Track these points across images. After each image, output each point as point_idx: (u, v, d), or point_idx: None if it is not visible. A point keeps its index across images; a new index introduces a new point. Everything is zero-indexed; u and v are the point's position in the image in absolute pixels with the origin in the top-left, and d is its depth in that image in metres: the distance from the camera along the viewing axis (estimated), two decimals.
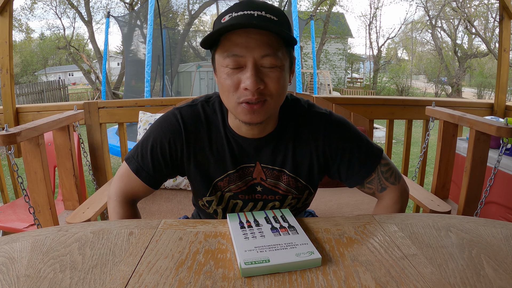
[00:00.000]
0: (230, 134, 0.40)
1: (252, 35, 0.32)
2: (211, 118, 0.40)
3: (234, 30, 0.32)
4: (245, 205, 0.43)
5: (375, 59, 9.68)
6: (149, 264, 0.33)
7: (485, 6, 7.59)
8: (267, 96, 0.35)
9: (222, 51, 0.34)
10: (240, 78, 0.34)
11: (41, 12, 14.73)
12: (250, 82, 0.32)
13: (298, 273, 0.31)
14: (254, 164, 0.41)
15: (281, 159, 0.40)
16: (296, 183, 0.42)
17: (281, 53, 0.34)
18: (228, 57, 0.33)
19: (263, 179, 0.41)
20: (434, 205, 0.66)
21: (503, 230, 0.39)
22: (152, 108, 1.03)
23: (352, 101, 1.07)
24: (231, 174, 0.41)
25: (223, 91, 0.35)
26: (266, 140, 0.40)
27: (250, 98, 0.34)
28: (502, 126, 0.67)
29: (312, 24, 3.79)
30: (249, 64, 0.33)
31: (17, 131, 0.64)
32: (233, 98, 0.35)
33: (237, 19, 0.33)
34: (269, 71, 0.34)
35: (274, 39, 0.33)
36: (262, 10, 0.33)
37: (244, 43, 0.32)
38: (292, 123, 0.40)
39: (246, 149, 0.40)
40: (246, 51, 0.33)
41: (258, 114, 0.35)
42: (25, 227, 0.80)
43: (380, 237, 0.38)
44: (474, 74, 9.11)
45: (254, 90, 0.33)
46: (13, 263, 0.33)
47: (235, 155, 0.40)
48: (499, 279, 0.30)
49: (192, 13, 6.30)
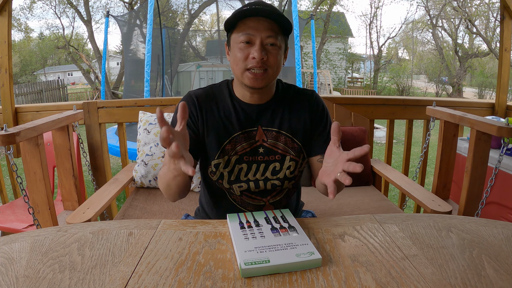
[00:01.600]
0: (236, 102, 0.50)
1: (261, 22, 0.45)
2: (219, 92, 0.51)
3: (249, 16, 0.45)
4: (249, 169, 0.49)
5: (375, 58, 9.68)
6: (149, 264, 0.33)
7: (486, 5, 7.59)
8: (267, 66, 0.46)
9: (239, 31, 0.46)
10: (249, 51, 0.46)
11: (40, 12, 14.67)
12: (257, 53, 0.45)
13: (298, 273, 0.31)
14: (256, 128, 0.50)
15: (278, 122, 0.50)
16: (292, 143, 0.50)
17: (280, 37, 0.47)
18: (243, 35, 0.46)
19: (264, 140, 0.50)
20: (435, 205, 0.66)
21: (504, 230, 0.39)
22: (152, 108, 1.03)
23: (353, 101, 1.06)
24: (236, 136, 0.49)
25: (235, 60, 0.47)
26: (266, 106, 0.50)
27: (255, 65, 0.45)
28: (503, 126, 0.67)
29: (313, 24, 3.77)
30: (257, 41, 0.45)
31: (16, 131, 0.64)
32: (243, 65, 0.46)
33: (253, 9, 0.45)
34: (270, 48, 0.46)
35: (276, 27, 0.46)
36: (270, 7, 0.46)
37: (255, 26, 0.45)
38: (287, 95, 0.52)
39: (250, 114, 0.50)
40: (256, 31, 0.45)
41: (260, 80, 0.46)
42: (24, 228, 0.79)
43: (380, 238, 0.37)
44: (475, 73, 9.10)
45: (259, 59, 0.45)
46: (12, 264, 0.33)
47: (241, 119, 0.49)
48: (500, 279, 0.30)
49: (192, 12, 6.29)
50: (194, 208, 0.66)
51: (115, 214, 1.05)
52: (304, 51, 7.75)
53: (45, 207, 0.73)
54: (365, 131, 0.97)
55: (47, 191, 0.73)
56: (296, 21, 2.72)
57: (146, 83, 2.39)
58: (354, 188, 0.92)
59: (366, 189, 0.92)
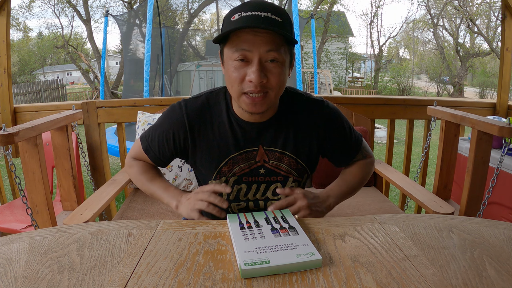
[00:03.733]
0: (234, 119, 0.44)
1: (258, 34, 0.37)
2: (215, 105, 0.45)
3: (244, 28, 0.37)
4: (249, 189, 0.46)
5: (376, 58, 9.66)
6: (148, 265, 0.33)
7: (487, 4, 7.58)
8: (268, 89, 0.39)
9: (231, 46, 0.38)
10: (246, 72, 0.38)
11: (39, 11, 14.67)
12: (255, 76, 0.37)
13: (299, 274, 0.31)
14: (257, 148, 0.44)
15: (282, 142, 0.44)
16: (296, 165, 0.45)
17: (283, 49, 0.39)
18: (237, 51, 0.38)
19: (266, 161, 0.44)
20: (437, 207, 0.65)
21: (506, 231, 0.39)
22: (151, 107, 1.03)
23: (353, 101, 1.06)
24: (234, 157, 0.44)
25: (229, 81, 0.40)
26: (267, 124, 0.44)
27: (253, 90, 0.38)
28: (505, 126, 0.67)
29: (313, 23, 3.76)
30: (255, 59, 0.38)
31: (15, 131, 0.64)
32: (238, 88, 0.39)
33: (246, 19, 0.37)
34: (271, 67, 0.38)
35: (277, 38, 0.38)
36: (268, 11, 0.37)
37: (252, 40, 0.37)
38: (292, 109, 0.45)
39: (249, 133, 0.44)
40: (253, 46, 0.37)
41: (259, 105, 0.40)
42: (23, 228, 0.79)
43: (381, 238, 0.37)
44: (476, 73, 9.07)
45: (257, 83, 0.38)
46: (10, 264, 0.33)
47: (238, 139, 0.44)
48: (502, 280, 0.30)
49: (192, 12, 6.27)
50: None
51: (113, 215, 1.04)
52: (304, 51, 7.74)
53: (44, 208, 0.73)
54: (366, 131, 0.96)
55: (46, 192, 0.73)
56: (297, 20, 2.71)
57: (145, 83, 2.38)
58: None
59: (368, 190, 0.91)
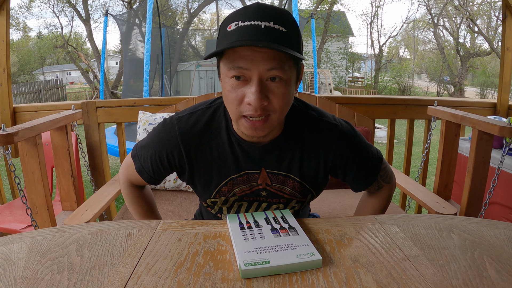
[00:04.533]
0: (235, 139, 0.39)
1: (258, 49, 0.31)
2: (212, 123, 0.39)
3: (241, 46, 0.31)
4: (249, 206, 0.44)
5: (376, 58, 9.64)
6: (148, 265, 0.32)
7: (488, 4, 7.55)
8: (270, 112, 0.34)
9: (227, 62, 0.33)
10: (244, 92, 0.33)
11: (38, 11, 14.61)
12: (254, 98, 0.32)
13: (299, 274, 0.31)
14: (259, 170, 0.40)
15: (287, 165, 0.40)
16: (301, 187, 0.42)
17: (287, 66, 0.33)
18: (233, 69, 0.32)
19: (268, 184, 0.41)
20: (439, 207, 0.65)
21: (506, 231, 0.38)
22: (151, 107, 1.03)
23: (354, 101, 1.06)
24: (234, 179, 0.41)
25: (227, 102, 0.35)
26: (271, 145, 0.39)
27: (253, 114, 0.33)
28: (505, 126, 0.67)
29: (313, 23, 3.76)
30: (254, 79, 0.32)
31: (14, 131, 0.64)
32: (236, 111, 0.34)
33: (243, 31, 0.31)
34: (274, 86, 0.33)
35: (281, 53, 0.32)
36: (270, 20, 0.31)
37: (250, 56, 0.31)
38: (300, 130, 0.39)
39: (251, 154, 0.39)
40: (252, 64, 0.32)
41: (260, 130, 0.35)
42: (23, 228, 0.79)
43: (381, 238, 0.37)
44: (476, 73, 9.07)
45: (257, 107, 0.32)
46: (10, 265, 0.33)
47: (239, 160, 0.39)
48: (502, 280, 0.30)
49: (192, 11, 6.27)
50: (194, 210, 0.66)
51: (114, 216, 1.05)
52: (305, 50, 7.66)
53: (43, 208, 0.73)
54: (368, 131, 0.96)
55: (46, 192, 0.73)
56: (297, 20, 2.70)
57: (145, 83, 2.38)
58: None
59: None
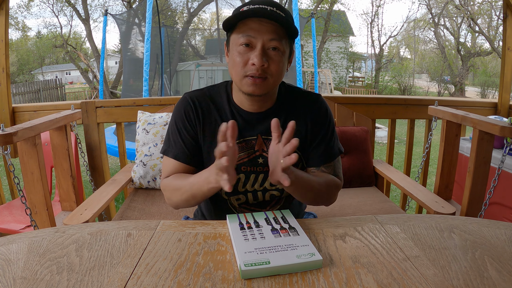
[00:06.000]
0: (235, 109, 0.47)
1: (263, 23, 0.41)
2: (216, 96, 0.48)
3: (251, 17, 0.41)
4: (247, 179, 0.47)
5: (377, 57, 9.62)
6: (148, 266, 0.32)
7: (488, 4, 7.51)
8: (268, 75, 0.42)
9: (238, 32, 0.42)
10: (249, 56, 0.42)
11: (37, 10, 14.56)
12: (258, 59, 0.41)
13: (299, 275, 0.31)
14: (256, 137, 0.46)
15: None
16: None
17: (284, 41, 0.42)
18: (243, 37, 0.42)
19: (264, 150, 0.46)
20: (438, 207, 0.65)
21: (507, 231, 0.38)
22: (151, 107, 1.02)
23: (354, 101, 1.05)
24: None
25: (233, 65, 0.43)
26: (266, 114, 0.46)
27: (254, 73, 0.41)
28: (506, 125, 0.67)
29: (313, 22, 3.75)
30: (258, 45, 0.41)
31: (14, 131, 0.64)
32: (241, 71, 0.42)
33: (254, 10, 0.41)
34: (273, 54, 0.42)
35: (279, 29, 0.42)
36: (274, 6, 0.42)
37: (257, 28, 0.41)
38: (289, 101, 0.48)
39: (249, 122, 0.46)
40: (258, 34, 0.41)
41: (259, 87, 0.42)
42: (22, 229, 0.79)
43: (382, 239, 0.37)
44: (477, 73, 9.04)
45: (259, 66, 0.41)
46: (9, 265, 0.32)
47: (238, 127, 0.45)
48: (503, 281, 0.30)
49: (191, 11, 6.25)
50: (193, 210, 0.65)
51: (113, 215, 1.04)
52: (305, 50, 7.71)
53: (42, 208, 0.73)
54: (367, 131, 0.96)
55: (45, 192, 0.73)
56: (297, 20, 2.70)
57: (144, 82, 2.37)
58: (356, 189, 0.91)
59: (369, 190, 0.91)
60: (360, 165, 0.92)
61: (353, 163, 0.91)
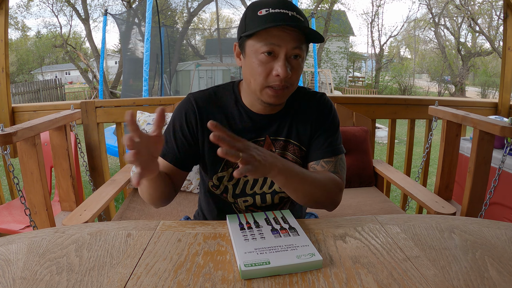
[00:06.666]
0: (243, 110, 0.46)
1: (287, 30, 0.39)
2: (223, 97, 0.46)
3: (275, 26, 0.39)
4: (255, 181, 0.46)
5: (377, 57, 9.61)
6: (147, 266, 0.32)
7: (489, 3, 7.49)
8: (289, 84, 0.42)
9: (259, 40, 0.40)
10: (272, 66, 0.40)
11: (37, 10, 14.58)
12: (283, 70, 0.39)
13: (299, 275, 0.31)
14: (263, 138, 0.46)
15: (286, 131, 0.46)
16: (301, 152, 0.47)
17: (304, 46, 0.42)
18: (266, 45, 0.39)
19: (272, 150, 0.46)
20: (439, 207, 0.65)
21: (508, 231, 0.38)
22: (151, 107, 1.02)
23: (354, 100, 1.05)
24: None
25: (252, 74, 0.41)
26: (275, 116, 0.46)
27: (278, 84, 0.40)
28: (507, 125, 0.67)
29: (313, 22, 3.74)
30: (281, 54, 0.40)
31: (13, 131, 0.63)
32: (263, 82, 0.41)
33: (276, 15, 0.39)
34: (295, 63, 0.41)
35: (300, 35, 0.40)
36: (293, 11, 0.40)
37: (281, 36, 0.39)
38: (297, 101, 0.47)
39: (258, 123, 0.45)
40: (282, 42, 0.39)
41: (280, 98, 0.42)
42: (21, 229, 0.79)
43: (382, 239, 0.37)
44: (478, 72, 9.00)
45: (284, 77, 0.40)
46: (9, 265, 0.32)
47: (247, 129, 0.45)
48: (504, 281, 0.30)
49: (191, 11, 6.25)
50: (193, 210, 0.65)
51: (113, 216, 1.04)
52: None
53: (42, 208, 0.73)
54: (367, 131, 0.95)
55: (44, 192, 0.72)
56: None
57: (144, 82, 2.37)
58: (356, 189, 0.91)
59: (369, 191, 0.91)
60: (360, 165, 0.92)
61: (353, 163, 0.91)
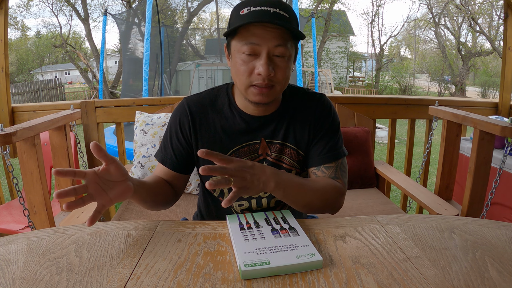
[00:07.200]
0: (237, 112, 0.45)
1: (268, 28, 0.38)
2: (217, 100, 0.46)
3: (253, 23, 0.38)
4: None
5: (377, 57, 9.63)
6: (147, 266, 0.32)
7: (489, 3, 7.50)
8: (274, 83, 0.40)
9: (240, 39, 0.39)
10: (254, 65, 0.39)
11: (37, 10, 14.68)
12: (264, 69, 0.38)
13: (299, 275, 0.31)
14: (259, 140, 0.45)
15: (283, 133, 0.45)
16: (297, 156, 0.46)
17: (289, 44, 0.40)
18: (246, 45, 0.39)
19: (268, 154, 0.45)
20: (441, 209, 0.65)
21: (508, 231, 0.38)
22: (150, 107, 1.02)
23: (354, 100, 1.05)
24: (236, 151, 0.44)
25: (237, 74, 0.41)
26: (270, 118, 0.45)
27: (261, 83, 0.40)
28: (507, 125, 0.67)
29: (313, 22, 3.73)
30: (263, 53, 0.39)
31: (13, 131, 0.63)
32: (246, 81, 0.40)
33: (255, 13, 0.38)
34: (278, 61, 0.39)
35: (285, 33, 0.39)
36: (277, 7, 0.39)
37: (261, 34, 0.38)
38: (293, 103, 0.46)
39: (252, 126, 0.45)
40: (262, 40, 0.38)
41: (266, 96, 0.41)
42: (21, 229, 0.79)
43: (382, 239, 0.37)
44: (478, 72, 9.03)
45: (265, 76, 0.39)
46: (8, 265, 0.32)
47: (241, 132, 0.45)
48: (504, 281, 0.30)
49: (191, 10, 6.25)
50: (192, 212, 0.65)
51: (112, 216, 1.04)
52: (305, 50, 7.71)
53: (42, 208, 0.73)
54: (369, 131, 0.95)
55: (44, 192, 0.72)
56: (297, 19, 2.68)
57: (144, 82, 2.37)
58: (357, 190, 0.91)
59: (370, 192, 0.91)
60: (362, 166, 0.91)
61: (355, 164, 0.91)
